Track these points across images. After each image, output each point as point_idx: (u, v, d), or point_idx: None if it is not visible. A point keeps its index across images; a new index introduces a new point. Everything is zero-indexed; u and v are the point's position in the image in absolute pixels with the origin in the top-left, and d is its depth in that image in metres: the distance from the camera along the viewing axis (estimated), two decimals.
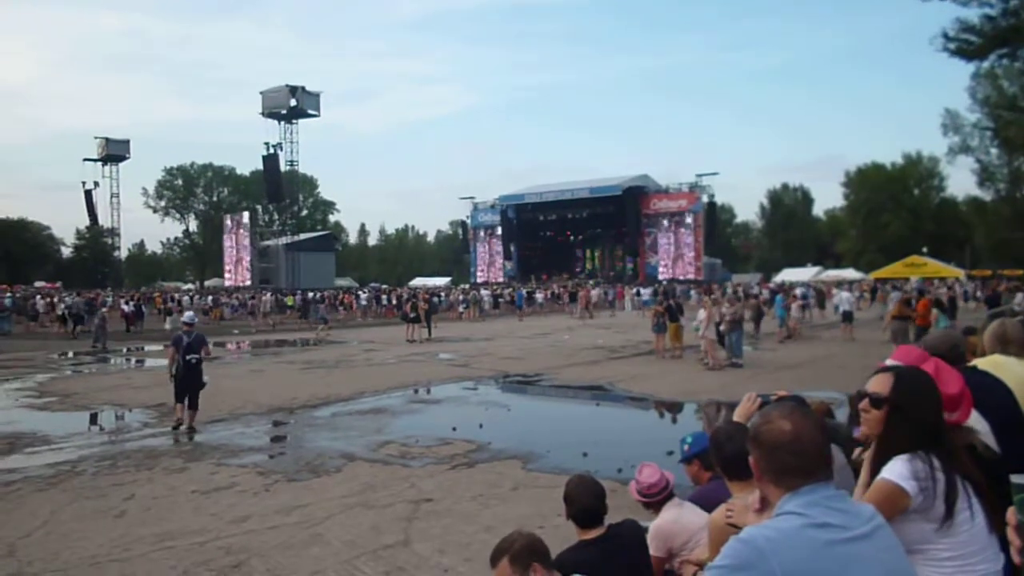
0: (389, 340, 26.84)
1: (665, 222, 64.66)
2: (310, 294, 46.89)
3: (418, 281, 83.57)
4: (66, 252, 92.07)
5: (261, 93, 64.49)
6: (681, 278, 60.22)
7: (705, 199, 64.16)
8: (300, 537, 6.52)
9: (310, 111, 65.34)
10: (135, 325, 34.71)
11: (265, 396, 14.36)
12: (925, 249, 66.73)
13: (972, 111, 57.55)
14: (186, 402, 11.54)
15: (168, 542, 6.45)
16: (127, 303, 37.31)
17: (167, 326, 32.09)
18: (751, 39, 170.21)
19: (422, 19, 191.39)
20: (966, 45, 19.59)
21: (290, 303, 45.23)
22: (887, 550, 1.82)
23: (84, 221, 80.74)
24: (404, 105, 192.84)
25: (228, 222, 76.09)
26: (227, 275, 74.68)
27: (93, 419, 13.14)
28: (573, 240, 74.63)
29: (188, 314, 13.63)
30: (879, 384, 2.38)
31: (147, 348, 27.89)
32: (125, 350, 27.03)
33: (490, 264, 74.92)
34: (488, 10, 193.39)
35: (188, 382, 11.52)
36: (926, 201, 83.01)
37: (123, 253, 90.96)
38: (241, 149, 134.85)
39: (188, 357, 11.54)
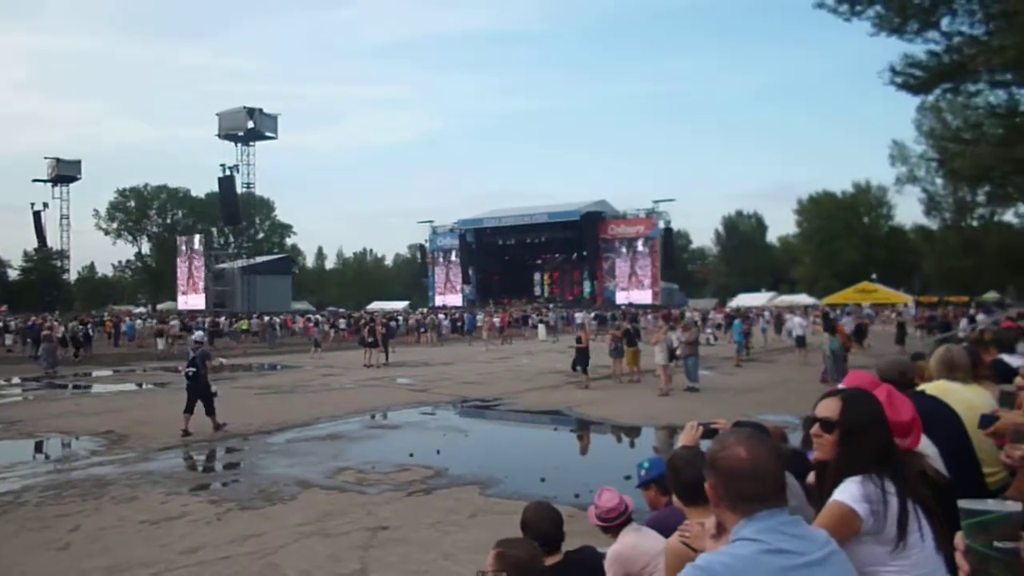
0: (347, 365, 26.54)
1: (623, 247, 65.33)
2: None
3: (376, 305, 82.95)
4: (13, 275, 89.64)
5: (218, 114, 64.12)
6: (638, 303, 60.72)
7: (662, 225, 65.11)
8: (254, 567, 6.37)
9: (268, 133, 65.02)
10: (83, 349, 33.86)
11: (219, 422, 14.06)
12: (875, 276, 68.32)
13: (918, 143, 59.35)
14: (203, 411, 12.95)
15: (116, 575, 6.26)
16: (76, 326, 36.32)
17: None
18: (707, 69, 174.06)
19: (386, 45, 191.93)
20: (912, 79, 20.15)
21: (245, 327, 44.51)
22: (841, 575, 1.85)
23: (33, 243, 79.05)
24: (364, 130, 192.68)
25: (182, 245, 74.86)
26: (181, 298, 73.26)
27: (38, 447, 12.73)
28: (532, 264, 74.82)
29: (198, 333, 15.80)
30: (827, 408, 2.42)
31: (95, 373, 27.20)
32: (73, 375, 26.31)
33: (449, 288, 74.75)
34: (452, 37, 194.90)
35: (190, 392, 12.94)
36: (876, 229, 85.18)
37: (73, 276, 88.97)
38: (197, 171, 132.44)
39: (186, 370, 13.21)
